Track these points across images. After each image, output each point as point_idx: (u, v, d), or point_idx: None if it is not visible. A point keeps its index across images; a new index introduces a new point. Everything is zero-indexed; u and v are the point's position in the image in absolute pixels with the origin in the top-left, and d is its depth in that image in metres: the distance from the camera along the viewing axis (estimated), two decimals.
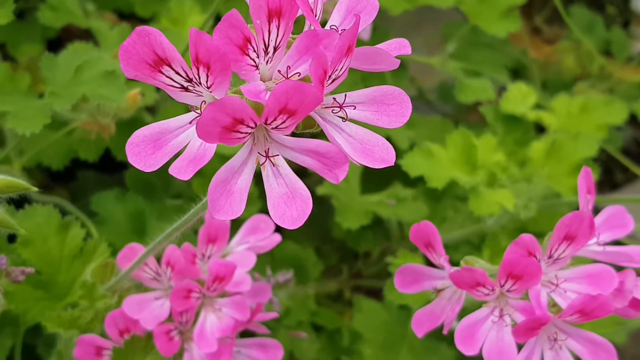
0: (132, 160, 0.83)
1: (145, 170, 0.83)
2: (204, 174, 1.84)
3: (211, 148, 0.84)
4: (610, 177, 3.59)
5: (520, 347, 1.13)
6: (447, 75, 2.36)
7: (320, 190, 1.81)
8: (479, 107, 1.95)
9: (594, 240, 1.17)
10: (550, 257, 1.12)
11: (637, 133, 2.91)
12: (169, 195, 1.78)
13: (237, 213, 0.83)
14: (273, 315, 1.38)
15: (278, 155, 0.85)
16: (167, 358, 1.28)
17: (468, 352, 1.11)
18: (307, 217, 0.84)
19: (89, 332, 1.28)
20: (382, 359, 1.70)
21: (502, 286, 1.10)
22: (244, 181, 0.84)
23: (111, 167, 1.91)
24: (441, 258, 1.14)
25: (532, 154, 1.72)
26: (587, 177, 1.17)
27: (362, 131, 0.87)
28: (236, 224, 1.33)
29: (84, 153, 1.66)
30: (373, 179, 2.09)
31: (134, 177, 1.73)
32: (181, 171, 0.82)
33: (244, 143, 0.84)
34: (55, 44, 1.91)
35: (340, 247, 2.25)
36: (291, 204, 0.84)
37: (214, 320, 1.27)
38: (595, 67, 2.47)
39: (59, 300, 1.34)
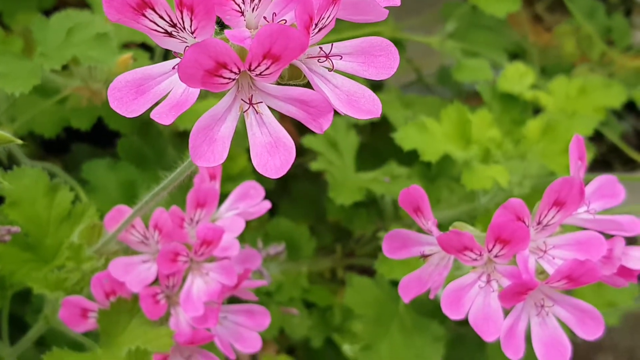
0: (113, 105, 0.82)
1: (127, 116, 0.82)
2: None
3: (194, 94, 0.83)
4: (610, 170, 3.58)
5: (507, 314, 1.12)
6: (446, 60, 2.35)
7: (314, 166, 1.80)
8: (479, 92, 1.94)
9: (584, 208, 1.16)
10: (539, 223, 1.11)
11: (638, 123, 2.90)
12: (161, 167, 1.77)
13: (219, 160, 0.82)
14: (261, 282, 1.38)
15: (262, 102, 0.84)
16: (153, 321, 1.27)
17: (454, 316, 1.10)
18: (289, 166, 0.83)
19: (75, 295, 1.27)
20: (372, 335, 1.69)
21: (490, 251, 1.09)
22: (227, 129, 0.83)
23: (105, 140, 1.91)
24: (429, 222, 1.14)
25: (527, 132, 1.71)
26: (579, 144, 1.16)
27: (348, 82, 0.86)
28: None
29: (77, 122, 1.65)
30: (368, 159, 2.08)
31: (126, 147, 1.72)
32: (162, 116, 0.81)
33: (227, 90, 0.83)
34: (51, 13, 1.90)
35: (335, 228, 2.24)
36: (274, 153, 0.84)
37: (201, 285, 1.26)
38: (596, 53, 2.45)
39: (46, 262, 1.33)
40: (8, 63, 1.37)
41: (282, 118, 2.06)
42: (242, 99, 0.84)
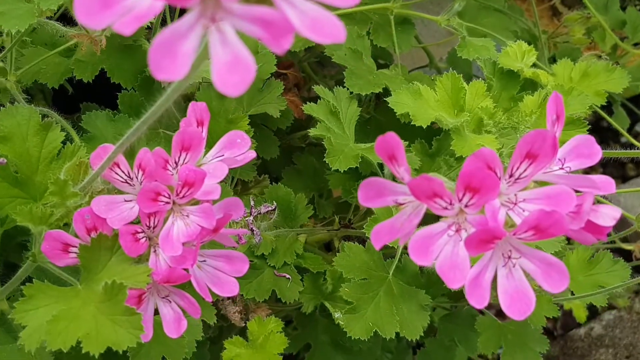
0: (80, 16, 0.84)
1: (94, 28, 0.84)
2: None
3: (158, 6, 0.84)
4: (623, 172, 3.57)
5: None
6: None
7: (313, 132, 1.82)
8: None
9: (559, 166, 1.17)
10: (511, 175, 1.12)
11: None
12: (161, 125, 1.80)
13: (180, 75, 0.83)
14: (243, 231, 1.40)
15: (225, 21, 0.85)
16: (133, 259, 1.29)
17: (420, 262, 1.11)
18: (248, 84, 0.83)
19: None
20: (358, 299, 1.71)
21: (460, 200, 1.10)
22: (190, 45, 0.85)
23: (115, 102, 1.94)
24: (402, 168, 1.15)
25: (523, 106, 1.72)
26: (557, 101, 1.17)
27: (315, 8, 0.87)
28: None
29: (79, 73, 1.70)
30: (372, 133, 2.11)
31: (126, 101, 1.75)
32: (125, 25, 0.83)
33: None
34: None
35: (336, 203, 2.26)
36: (234, 72, 0.84)
37: (181, 226, 1.29)
38: (607, 45, 2.46)
39: (34, 200, 1.37)
40: (7, 3, 1.40)
41: (286, 90, 2.07)
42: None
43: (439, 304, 2.15)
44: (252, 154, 1.38)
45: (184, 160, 1.31)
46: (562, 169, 1.18)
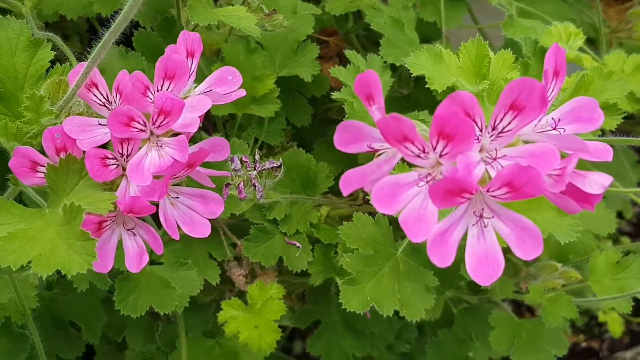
0: None
1: None
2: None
3: None
4: None
5: None
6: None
7: (336, 95, 1.73)
8: None
9: (550, 123, 1.07)
10: (494, 128, 1.03)
11: None
12: None
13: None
14: (224, 173, 1.33)
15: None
16: (103, 186, 1.24)
17: (384, 210, 1.02)
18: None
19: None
20: (360, 271, 1.62)
21: (434, 149, 1.01)
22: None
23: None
24: (375, 106, 1.06)
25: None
26: (558, 54, 1.07)
27: None
28: None
29: (99, 6, 1.66)
30: (408, 110, 2.01)
31: (142, 39, 1.71)
32: None
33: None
34: None
35: None
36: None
37: (155, 157, 1.22)
38: None
39: (17, 118, 1.32)
40: None
41: (326, 58, 1.99)
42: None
43: (460, 295, 2.04)
44: (242, 92, 1.30)
45: (167, 89, 1.24)
46: (554, 129, 1.07)
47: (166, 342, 1.95)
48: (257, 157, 1.60)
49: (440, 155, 1.01)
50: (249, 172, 1.57)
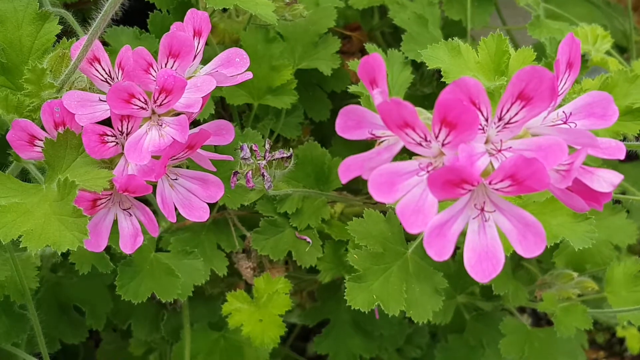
0: None
1: None
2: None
3: None
4: None
5: None
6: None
7: (352, 88, 1.69)
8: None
9: (560, 116, 1.02)
10: (500, 119, 0.98)
11: None
12: None
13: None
14: (226, 157, 1.30)
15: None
16: (102, 163, 1.21)
17: (381, 199, 0.98)
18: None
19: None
20: (367, 268, 1.58)
21: (437, 137, 0.97)
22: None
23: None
24: (377, 90, 1.01)
25: (579, 88, 1.55)
26: (573, 45, 1.02)
27: None
28: None
29: None
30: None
31: (157, 22, 1.68)
32: None
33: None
34: None
35: None
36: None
37: (154, 136, 1.19)
38: None
39: (20, 90, 1.30)
40: None
41: (349, 54, 1.95)
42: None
43: (473, 301, 1.99)
44: (249, 75, 1.27)
45: (171, 68, 1.21)
46: (565, 123, 1.02)
47: (171, 332, 1.92)
48: (267, 146, 1.57)
49: (443, 145, 0.97)
50: (258, 162, 1.53)
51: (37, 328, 1.53)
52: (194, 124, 1.31)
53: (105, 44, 1.57)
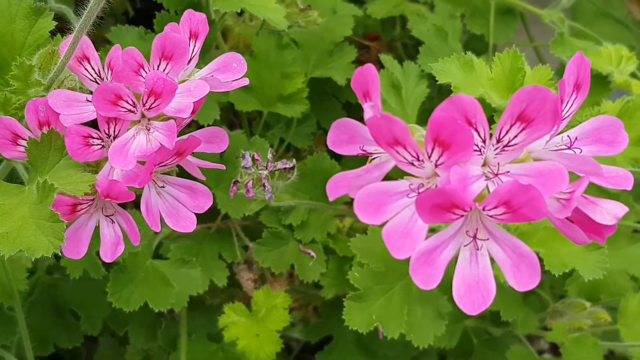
0: None
1: None
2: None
3: None
4: None
5: None
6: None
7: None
8: None
9: (565, 141, 0.96)
10: (499, 140, 0.92)
11: None
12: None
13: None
14: (218, 166, 1.24)
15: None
16: (87, 167, 1.16)
17: (368, 220, 0.92)
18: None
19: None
20: (368, 288, 1.53)
21: (430, 157, 0.90)
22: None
23: None
24: (368, 103, 0.95)
25: (599, 111, 1.48)
26: (582, 64, 0.96)
27: None
28: None
29: None
30: None
31: (165, 23, 1.61)
32: None
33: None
34: None
35: None
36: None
37: (142, 141, 1.14)
38: None
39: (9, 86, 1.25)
40: None
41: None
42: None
43: (483, 326, 1.92)
44: (245, 82, 1.21)
45: (163, 70, 1.16)
46: (569, 148, 0.95)
47: (168, 341, 1.87)
48: (269, 156, 1.51)
49: (436, 165, 0.90)
50: (260, 172, 1.48)
51: (23, 331, 1.49)
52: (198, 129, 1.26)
53: (108, 42, 1.54)
